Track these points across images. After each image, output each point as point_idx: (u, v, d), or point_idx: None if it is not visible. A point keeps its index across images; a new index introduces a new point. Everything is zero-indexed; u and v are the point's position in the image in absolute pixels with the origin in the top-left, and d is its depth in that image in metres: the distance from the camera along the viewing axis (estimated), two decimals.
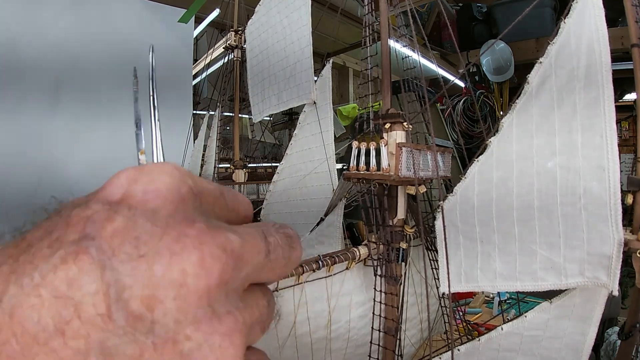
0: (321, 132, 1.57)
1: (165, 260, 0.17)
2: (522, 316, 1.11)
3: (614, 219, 0.92)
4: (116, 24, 2.12)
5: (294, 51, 1.63)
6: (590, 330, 1.04)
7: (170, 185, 0.19)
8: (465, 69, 3.70)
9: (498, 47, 3.62)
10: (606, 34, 0.92)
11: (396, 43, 1.41)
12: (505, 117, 1.03)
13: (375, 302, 1.25)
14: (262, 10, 1.83)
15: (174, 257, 0.17)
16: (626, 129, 3.86)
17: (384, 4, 1.25)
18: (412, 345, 1.50)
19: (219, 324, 0.17)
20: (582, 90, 0.94)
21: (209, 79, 3.13)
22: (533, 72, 0.98)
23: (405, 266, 1.28)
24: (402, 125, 1.17)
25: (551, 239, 0.99)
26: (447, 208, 1.09)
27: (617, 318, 2.14)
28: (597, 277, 0.96)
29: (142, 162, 0.25)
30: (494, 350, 1.15)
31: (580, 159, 0.95)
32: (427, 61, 1.68)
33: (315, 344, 1.21)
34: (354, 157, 1.22)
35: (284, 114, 3.18)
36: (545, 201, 0.99)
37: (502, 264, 1.06)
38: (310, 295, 1.18)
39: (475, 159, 1.06)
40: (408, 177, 1.14)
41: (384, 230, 1.24)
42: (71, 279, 0.16)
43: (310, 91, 1.59)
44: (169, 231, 0.17)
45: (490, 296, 2.33)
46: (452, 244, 1.11)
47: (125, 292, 0.16)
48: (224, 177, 2.45)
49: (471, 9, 4.02)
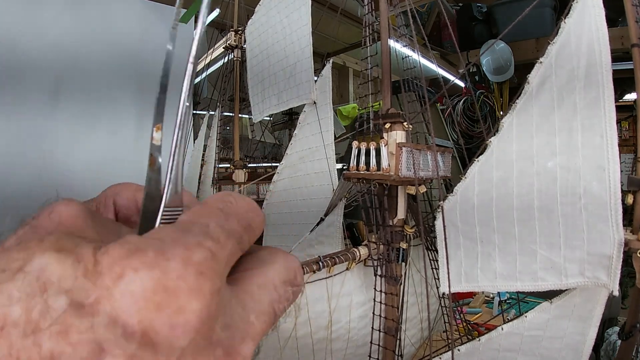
0: (321, 132, 1.57)
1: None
2: (522, 316, 1.11)
3: (614, 219, 0.92)
4: (116, 24, 2.12)
5: (294, 51, 1.63)
6: (590, 330, 1.04)
7: (201, 313, 0.16)
8: (465, 69, 3.70)
9: (498, 47, 3.62)
10: (606, 34, 0.92)
11: (396, 43, 1.41)
12: (505, 117, 1.03)
13: (375, 302, 1.25)
14: (262, 10, 1.83)
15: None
16: (626, 129, 3.86)
17: (384, 4, 1.25)
18: (412, 345, 1.50)
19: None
20: (582, 90, 0.94)
21: (209, 79, 3.13)
22: (533, 72, 0.98)
23: (405, 266, 1.28)
24: (402, 125, 1.17)
25: (551, 239, 0.99)
26: (447, 208, 1.09)
27: (617, 318, 2.14)
28: (597, 277, 0.96)
29: (155, 142, 0.21)
30: (494, 350, 1.15)
31: (581, 159, 0.95)
32: (427, 61, 1.68)
33: (316, 344, 1.21)
34: (354, 157, 1.22)
35: (284, 114, 3.18)
36: (545, 201, 0.99)
37: (502, 264, 1.06)
38: (311, 296, 1.18)
39: (475, 159, 1.06)
40: (408, 177, 1.14)
41: (384, 230, 1.24)
42: None
43: (310, 91, 1.59)
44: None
45: (490, 296, 2.33)
46: (452, 244, 1.11)
47: None
48: (224, 177, 2.45)
49: (471, 9, 4.02)
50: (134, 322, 0.14)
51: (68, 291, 0.15)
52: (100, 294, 0.15)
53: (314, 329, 1.20)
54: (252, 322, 0.18)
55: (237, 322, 0.18)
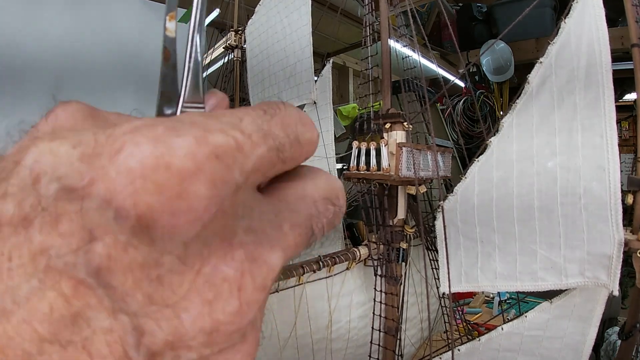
0: (321, 132, 1.57)
1: (196, 310, 0.13)
2: (522, 316, 1.11)
3: (614, 218, 0.92)
4: (116, 24, 2.12)
5: (294, 51, 1.63)
6: (590, 330, 1.04)
7: (210, 202, 0.13)
8: (465, 69, 3.70)
9: (498, 47, 3.62)
10: (606, 34, 0.92)
11: (396, 43, 1.41)
12: (505, 117, 1.03)
13: (375, 302, 1.25)
14: (262, 10, 1.83)
15: (206, 307, 0.14)
16: (626, 129, 3.86)
17: (384, 4, 1.25)
18: (412, 345, 1.50)
19: (242, 344, 0.15)
20: (582, 90, 0.94)
21: (209, 79, 3.13)
22: (533, 72, 0.98)
23: (406, 266, 1.28)
24: (402, 125, 1.17)
25: (551, 239, 0.99)
26: (447, 208, 1.09)
27: (617, 318, 2.14)
28: (597, 277, 0.96)
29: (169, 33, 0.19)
30: (494, 350, 1.15)
31: (581, 159, 0.95)
32: (427, 61, 1.68)
33: (316, 344, 1.21)
34: (354, 157, 1.22)
35: None
36: (545, 201, 0.99)
37: (502, 264, 1.06)
38: (311, 296, 1.18)
39: (476, 159, 1.06)
40: (408, 177, 1.14)
41: (384, 230, 1.24)
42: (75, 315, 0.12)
43: (310, 91, 1.59)
44: (202, 270, 0.14)
45: (490, 296, 2.32)
46: (452, 243, 1.11)
47: (145, 337, 0.13)
48: None
49: (471, 9, 4.02)
50: (128, 205, 0.12)
51: (61, 177, 0.13)
52: (95, 175, 0.13)
53: (313, 329, 1.20)
54: (286, 232, 0.16)
55: (267, 228, 0.15)
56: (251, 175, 0.15)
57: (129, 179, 0.12)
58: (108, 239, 0.12)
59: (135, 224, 0.12)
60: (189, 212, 0.13)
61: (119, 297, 0.13)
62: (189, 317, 0.13)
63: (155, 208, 0.13)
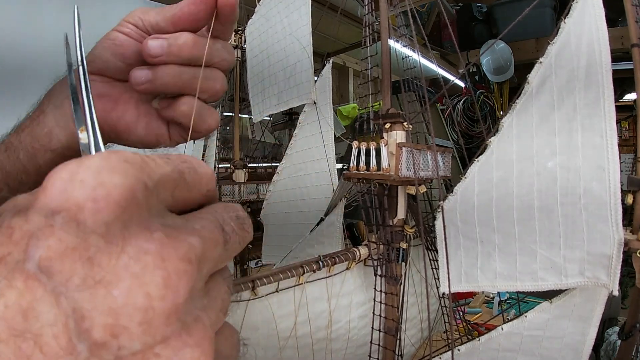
0: (321, 132, 1.57)
1: (125, 284, 0.15)
2: (522, 316, 1.11)
3: (614, 218, 0.92)
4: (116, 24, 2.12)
5: (294, 51, 1.63)
6: (590, 330, 1.04)
7: (123, 189, 0.16)
8: (465, 69, 3.70)
9: (498, 47, 3.62)
10: (606, 34, 0.92)
11: (396, 43, 1.41)
12: (505, 117, 1.03)
13: (375, 302, 1.25)
14: (262, 11, 1.83)
15: (135, 280, 0.15)
16: (626, 129, 3.85)
17: (384, 4, 1.25)
18: (412, 345, 1.50)
19: (188, 336, 0.17)
20: (582, 90, 0.94)
21: None
22: (533, 72, 0.98)
23: (406, 266, 1.28)
24: (402, 125, 1.17)
25: (551, 239, 0.99)
26: (447, 208, 1.09)
27: (617, 318, 2.13)
28: (597, 277, 0.96)
29: (82, 142, 0.24)
30: (494, 350, 1.15)
31: (580, 159, 0.95)
32: (427, 61, 1.68)
33: (316, 344, 1.21)
34: (354, 157, 1.22)
35: (284, 114, 3.18)
36: (545, 201, 0.99)
37: (502, 263, 1.07)
38: (311, 296, 1.18)
39: (475, 159, 1.06)
40: (408, 177, 1.14)
41: (384, 230, 1.24)
42: (26, 310, 0.14)
43: (310, 91, 1.59)
44: (126, 248, 0.16)
45: (490, 296, 2.32)
46: (452, 243, 1.11)
47: (85, 321, 0.15)
48: (224, 177, 2.45)
49: (471, 9, 4.02)
50: (58, 204, 0.16)
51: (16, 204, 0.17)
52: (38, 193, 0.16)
53: (313, 329, 1.20)
54: (197, 228, 0.19)
55: (180, 226, 0.18)
56: (159, 186, 0.18)
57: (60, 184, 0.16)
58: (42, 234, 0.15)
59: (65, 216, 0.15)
60: (107, 196, 0.16)
61: (60, 282, 0.15)
62: (120, 293, 0.15)
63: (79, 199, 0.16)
